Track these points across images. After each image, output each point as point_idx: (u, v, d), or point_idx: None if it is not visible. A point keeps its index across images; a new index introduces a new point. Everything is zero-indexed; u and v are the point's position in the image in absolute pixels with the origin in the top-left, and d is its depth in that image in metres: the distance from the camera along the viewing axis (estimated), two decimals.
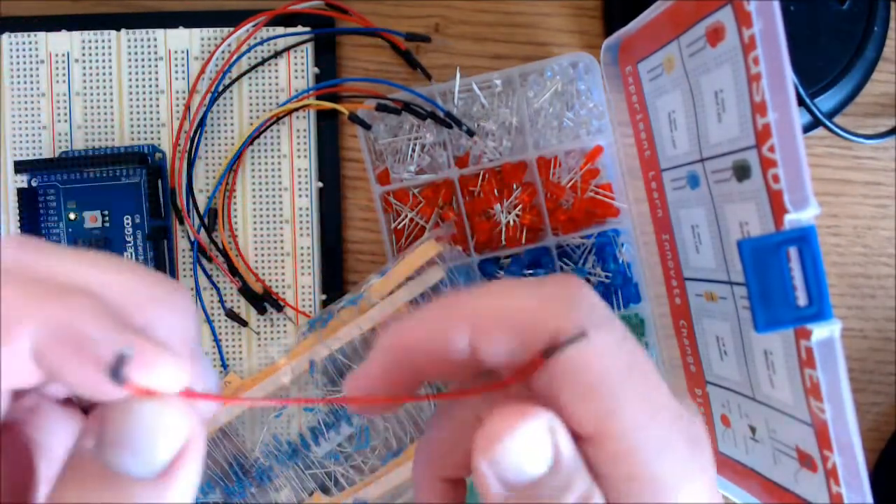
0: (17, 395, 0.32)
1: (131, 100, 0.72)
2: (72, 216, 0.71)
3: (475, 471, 0.33)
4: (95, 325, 0.30)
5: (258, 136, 0.72)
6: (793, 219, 0.45)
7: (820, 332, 0.45)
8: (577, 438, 0.34)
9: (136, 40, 0.71)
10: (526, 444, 0.32)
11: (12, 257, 0.32)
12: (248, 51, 0.71)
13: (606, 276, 0.72)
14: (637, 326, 0.73)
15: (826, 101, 0.71)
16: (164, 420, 0.30)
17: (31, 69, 0.71)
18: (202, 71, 0.71)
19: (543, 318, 0.34)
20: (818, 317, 0.44)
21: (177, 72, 0.72)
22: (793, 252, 0.44)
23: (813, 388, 0.47)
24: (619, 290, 0.72)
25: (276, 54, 0.72)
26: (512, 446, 0.32)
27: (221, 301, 0.71)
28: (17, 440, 0.34)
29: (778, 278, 0.44)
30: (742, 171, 0.51)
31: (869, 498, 0.47)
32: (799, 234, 0.44)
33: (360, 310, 0.65)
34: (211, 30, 0.72)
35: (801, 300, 0.44)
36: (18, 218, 0.70)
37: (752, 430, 0.60)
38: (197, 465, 0.31)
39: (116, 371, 0.29)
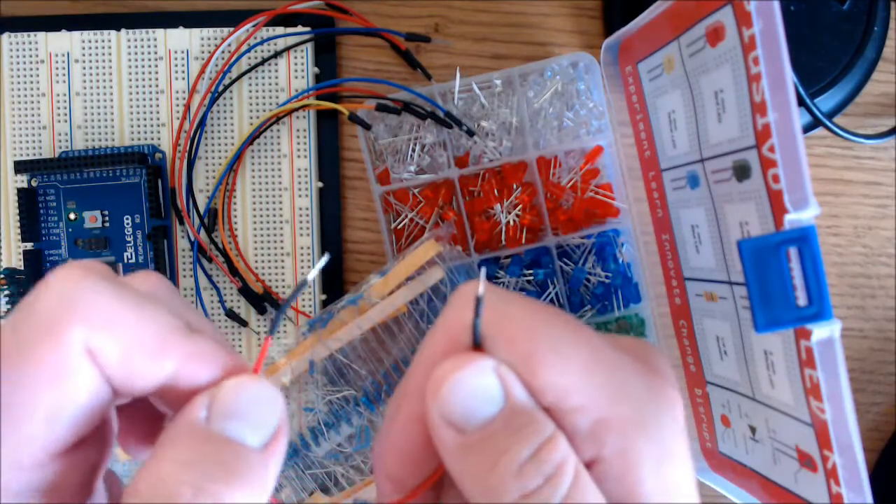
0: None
1: (131, 100, 0.72)
2: (72, 216, 0.71)
3: (429, 422, 0.33)
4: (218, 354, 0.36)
5: (258, 136, 0.72)
6: (793, 219, 0.45)
7: (820, 332, 0.45)
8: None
9: (136, 40, 0.71)
10: (472, 382, 0.32)
11: (165, 297, 0.38)
12: (248, 51, 0.71)
13: (606, 277, 0.72)
14: (637, 326, 0.73)
15: (826, 101, 0.71)
16: (272, 397, 0.35)
17: (31, 69, 0.71)
18: (202, 71, 0.71)
19: (455, 322, 0.34)
20: (818, 317, 0.44)
21: (177, 72, 0.72)
22: (793, 252, 0.44)
23: (813, 388, 0.47)
24: (619, 290, 0.72)
25: (276, 54, 0.72)
26: (457, 386, 0.32)
27: (221, 301, 0.72)
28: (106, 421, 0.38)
29: (778, 278, 0.44)
30: (742, 171, 0.51)
31: (869, 498, 0.47)
32: (799, 234, 0.44)
33: (359, 310, 0.65)
34: (211, 30, 0.72)
35: (801, 300, 0.44)
36: (18, 218, 0.70)
37: (752, 430, 0.60)
38: (287, 440, 0.35)
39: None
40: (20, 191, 0.70)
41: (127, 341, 0.33)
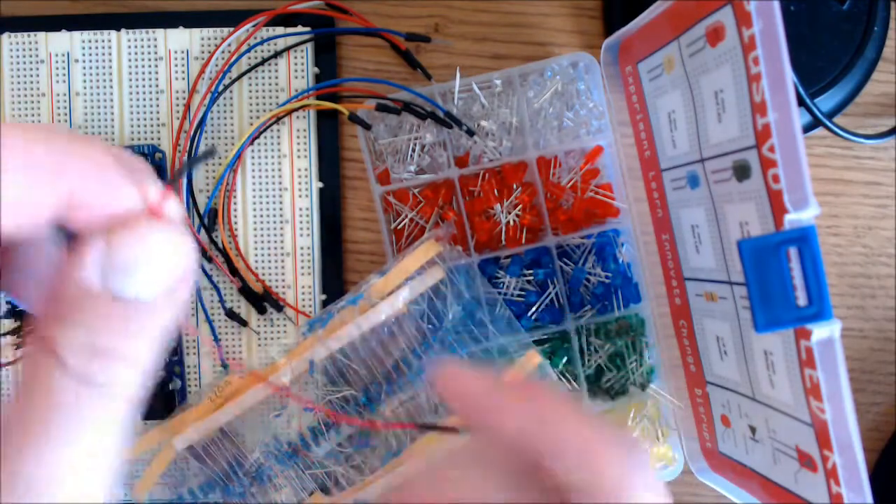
0: None
1: (131, 100, 0.72)
2: None
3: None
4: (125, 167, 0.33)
5: (258, 136, 0.72)
6: (793, 219, 0.45)
7: (820, 332, 0.45)
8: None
9: (136, 40, 0.71)
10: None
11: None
12: (248, 51, 0.71)
13: (606, 277, 0.72)
14: (637, 326, 0.73)
15: (826, 101, 0.71)
16: (170, 249, 0.32)
17: (31, 69, 0.71)
18: (202, 71, 0.71)
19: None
20: (818, 317, 0.44)
21: (177, 72, 0.72)
22: (793, 252, 0.44)
23: (813, 388, 0.47)
24: (619, 290, 0.72)
25: (276, 54, 0.72)
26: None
27: (221, 301, 0.71)
28: None
29: (778, 278, 0.44)
30: (742, 171, 0.51)
31: (869, 498, 0.47)
32: (799, 234, 0.44)
33: (359, 310, 0.65)
34: (211, 30, 0.72)
35: (801, 300, 0.44)
36: None
37: (752, 430, 0.60)
38: (189, 288, 0.34)
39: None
40: None
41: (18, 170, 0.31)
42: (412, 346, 0.66)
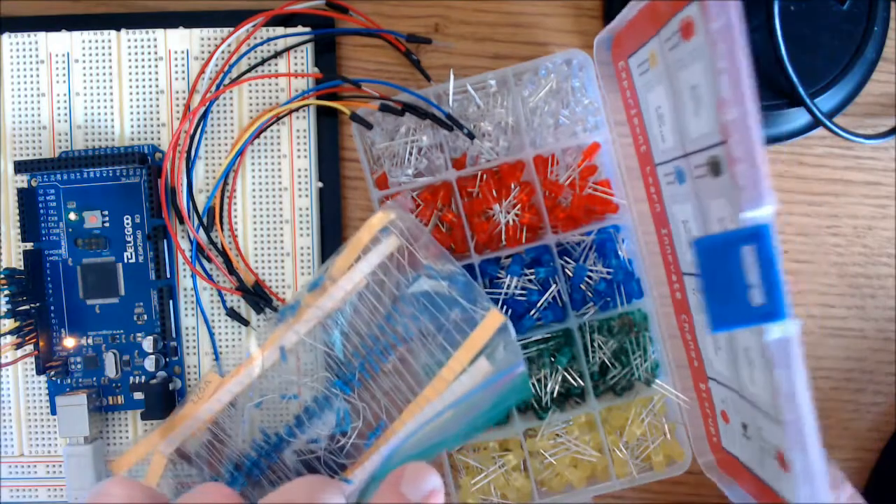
0: None
1: (131, 100, 0.72)
2: (72, 216, 0.71)
3: None
4: None
5: (258, 136, 0.72)
6: (748, 216, 0.44)
7: (774, 331, 0.44)
8: None
9: (136, 40, 0.72)
10: None
11: None
12: (249, 51, 0.72)
13: (608, 273, 0.72)
14: (640, 322, 0.73)
15: (826, 101, 0.70)
16: None
17: (31, 69, 0.72)
18: (202, 71, 0.71)
19: None
20: (772, 316, 0.43)
21: (177, 72, 0.72)
22: (751, 250, 0.44)
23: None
24: (621, 286, 0.72)
25: (277, 54, 0.72)
26: None
27: (222, 300, 0.72)
28: None
29: (733, 277, 0.44)
30: (716, 167, 0.51)
31: (827, 499, 0.46)
32: (751, 231, 0.44)
33: (322, 291, 0.66)
34: (211, 30, 0.72)
35: (758, 299, 0.44)
36: (18, 218, 0.71)
37: (744, 426, 0.60)
38: None
39: None
40: (20, 191, 0.71)
41: None
42: (376, 320, 0.66)
